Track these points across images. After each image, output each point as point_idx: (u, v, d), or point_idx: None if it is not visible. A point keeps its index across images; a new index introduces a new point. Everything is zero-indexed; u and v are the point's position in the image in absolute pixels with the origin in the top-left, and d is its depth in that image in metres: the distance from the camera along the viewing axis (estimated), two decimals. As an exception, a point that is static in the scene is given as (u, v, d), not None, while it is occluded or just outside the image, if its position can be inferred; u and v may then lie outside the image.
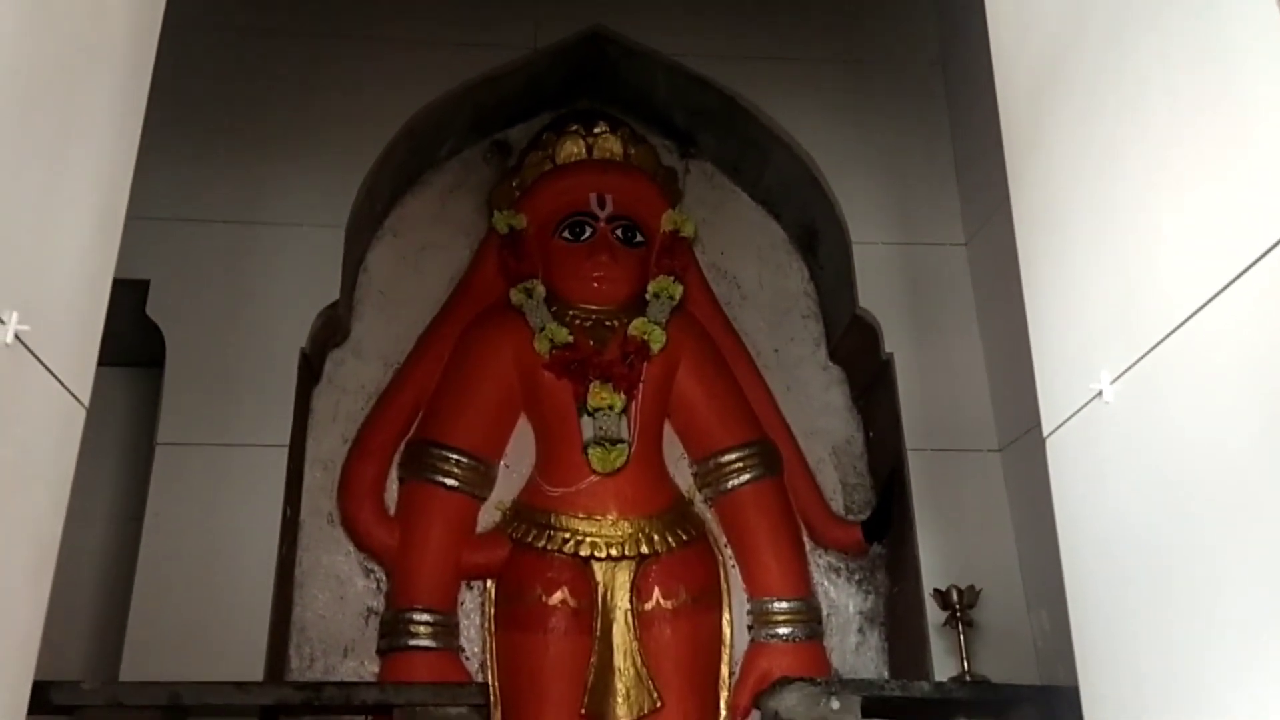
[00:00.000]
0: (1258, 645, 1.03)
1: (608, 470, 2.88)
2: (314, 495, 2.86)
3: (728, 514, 2.98)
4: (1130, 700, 1.29)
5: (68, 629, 2.66)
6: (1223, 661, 1.08)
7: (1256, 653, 1.02)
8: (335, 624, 2.78)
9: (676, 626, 2.82)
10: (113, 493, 2.84)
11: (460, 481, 2.88)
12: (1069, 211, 1.35)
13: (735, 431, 3.01)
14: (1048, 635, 2.54)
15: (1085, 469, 1.30)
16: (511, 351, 2.98)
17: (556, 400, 2.95)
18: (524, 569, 2.82)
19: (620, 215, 3.11)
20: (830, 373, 3.18)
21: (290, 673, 2.70)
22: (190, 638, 2.43)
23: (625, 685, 2.73)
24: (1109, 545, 1.28)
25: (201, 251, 2.79)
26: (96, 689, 2.30)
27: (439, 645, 2.74)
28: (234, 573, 2.53)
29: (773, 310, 3.23)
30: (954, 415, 2.83)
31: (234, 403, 2.66)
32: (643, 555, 2.84)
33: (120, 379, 2.90)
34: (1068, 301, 1.33)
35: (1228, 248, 1.03)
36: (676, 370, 3.03)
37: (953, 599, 2.56)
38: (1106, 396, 1.20)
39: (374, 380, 3.00)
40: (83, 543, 2.76)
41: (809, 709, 2.38)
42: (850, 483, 3.06)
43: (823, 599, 2.94)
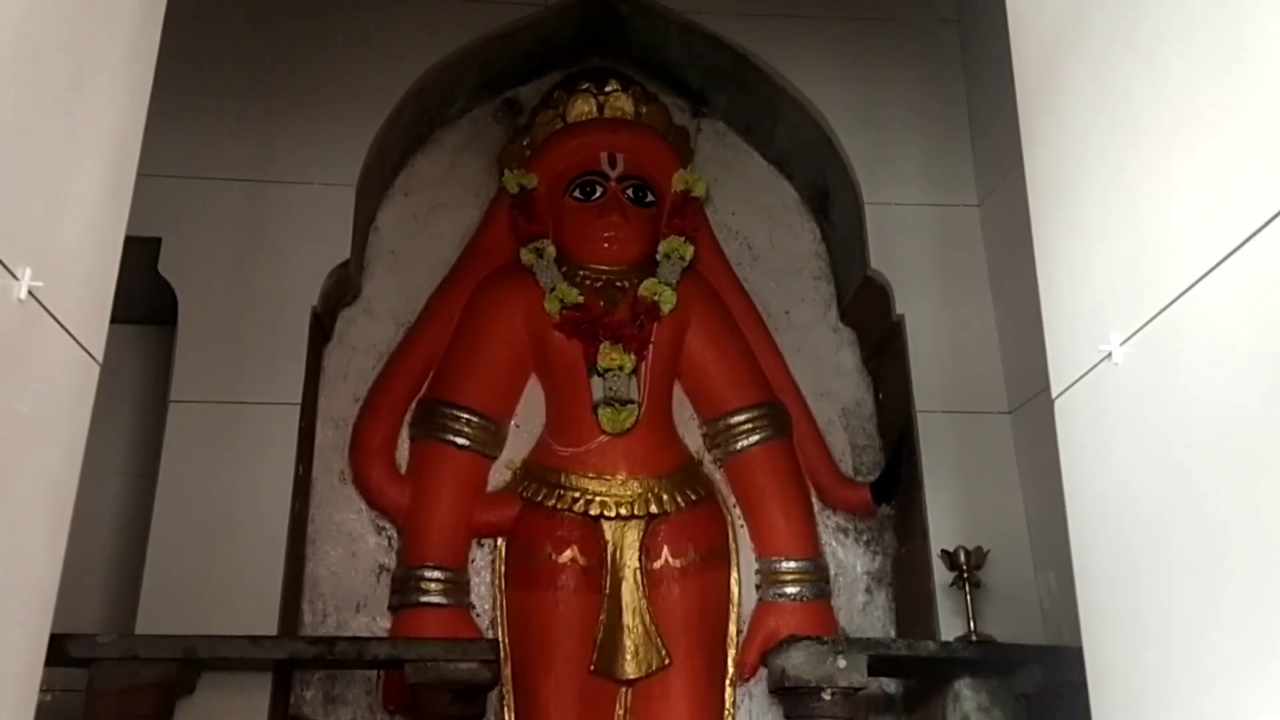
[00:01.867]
0: (1261, 608, 1.03)
1: (617, 430, 2.89)
2: (326, 453, 2.89)
3: (737, 474, 3.00)
4: (1133, 661, 1.30)
5: (84, 584, 2.70)
6: (1226, 622, 1.08)
7: (1260, 615, 1.03)
8: (347, 580, 2.82)
9: (685, 585, 2.84)
10: (127, 449, 2.86)
11: (471, 441, 2.90)
12: (1082, 171, 1.34)
13: (745, 393, 3.01)
14: (1054, 596, 2.55)
15: (1093, 431, 1.30)
16: (522, 311, 2.99)
17: (566, 360, 2.95)
18: (534, 527, 2.85)
19: (631, 175, 3.09)
20: (841, 334, 3.17)
21: (303, 628, 2.74)
22: (204, 593, 2.46)
23: (634, 643, 2.76)
24: (1115, 506, 1.28)
25: (213, 209, 2.79)
26: (112, 641, 2.35)
27: (450, 602, 2.78)
28: (247, 529, 2.56)
29: (783, 271, 3.22)
30: (964, 377, 2.82)
31: (246, 360, 2.68)
32: (652, 515, 2.86)
33: (133, 336, 2.91)
34: (1079, 262, 1.32)
35: (1241, 208, 1.02)
36: (687, 331, 3.03)
37: (960, 560, 2.58)
38: (1116, 358, 1.20)
39: (385, 339, 3.01)
40: (97, 499, 2.79)
41: (816, 667, 2.40)
42: (859, 444, 3.07)
43: (830, 559, 2.95)
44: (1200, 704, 1.13)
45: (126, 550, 2.71)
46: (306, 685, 2.70)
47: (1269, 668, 1.00)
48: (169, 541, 2.52)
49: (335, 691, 2.71)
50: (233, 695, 2.42)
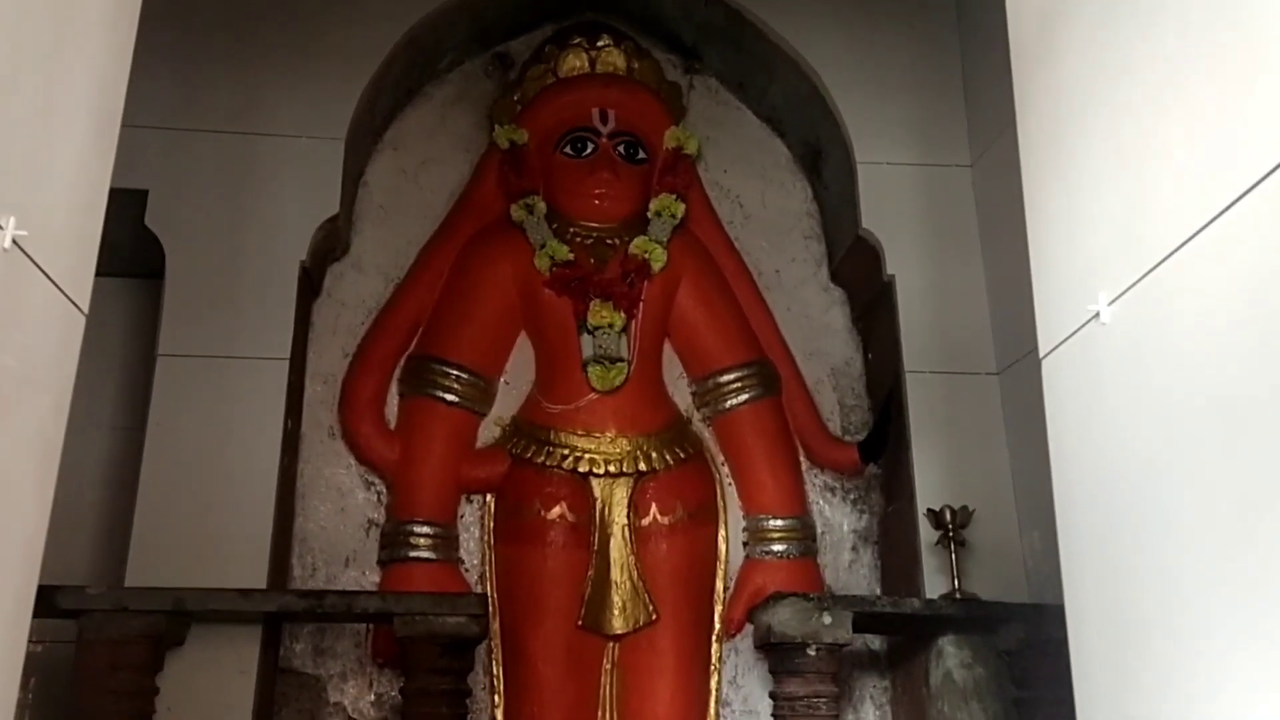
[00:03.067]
0: (1241, 565, 1.04)
1: (607, 388, 2.90)
2: (315, 408, 2.89)
3: (725, 433, 3.01)
4: (1114, 617, 1.31)
5: (73, 537, 2.71)
6: (1205, 580, 1.09)
7: (1239, 572, 1.04)
8: (336, 535, 2.83)
9: (673, 542, 2.86)
10: (115, 403, 2.86)
11: (460, 397, 2.90)
12: (1075, 130, 1.34)
13: (734, 351, 3.02)
14: (1039, 556, 2.58)
15: (1079, 390, 1.31)
16: (511, 268, 2.97)
17: (556, 318, 2.95)
18: (523, 484, 2.86)
19: (623, 131, 3.07)
20: (831, 294, 3.17)
21: (293, 582, 2.75)
22: (194, 547, 2.47)
23: (622, 598, 2.79)
24: (1100, 465, 1.29)
25: (200, 162, 2.76)
26: (102, 594, 2.35)
27: (439, 557, 2.79)
28: (236, 483, 2.56)
29: (775, 230, 3.21)
30: (953, 338, 2.83)
31: (234, 315, 2.67)
32: (641, 472, 2.87)
33: (121, 290, 2.90)
34: (1069, 222, 1.32)
35: (1231, 169, 1.02)
36: (677, 289, 3.03)
37: (945, 518, 2.60)
38: (1104, 318, 1.20)
39: (374, 295, 3.00)
40: (86, 452, 2.79)
41: (801, 623, 2.43)
42: (848, 404, 3.08)
43: (817, 517, 2.97)
44: (1179, 660, 1.15)
45: (115, 504, 2.71)
46: (296, 638, 2.72)
47: (1249, 624, 1.02)
48: (158, 495, 2.52)
49: (324, 645, 2.73)
50: (222, 647, 2.43)
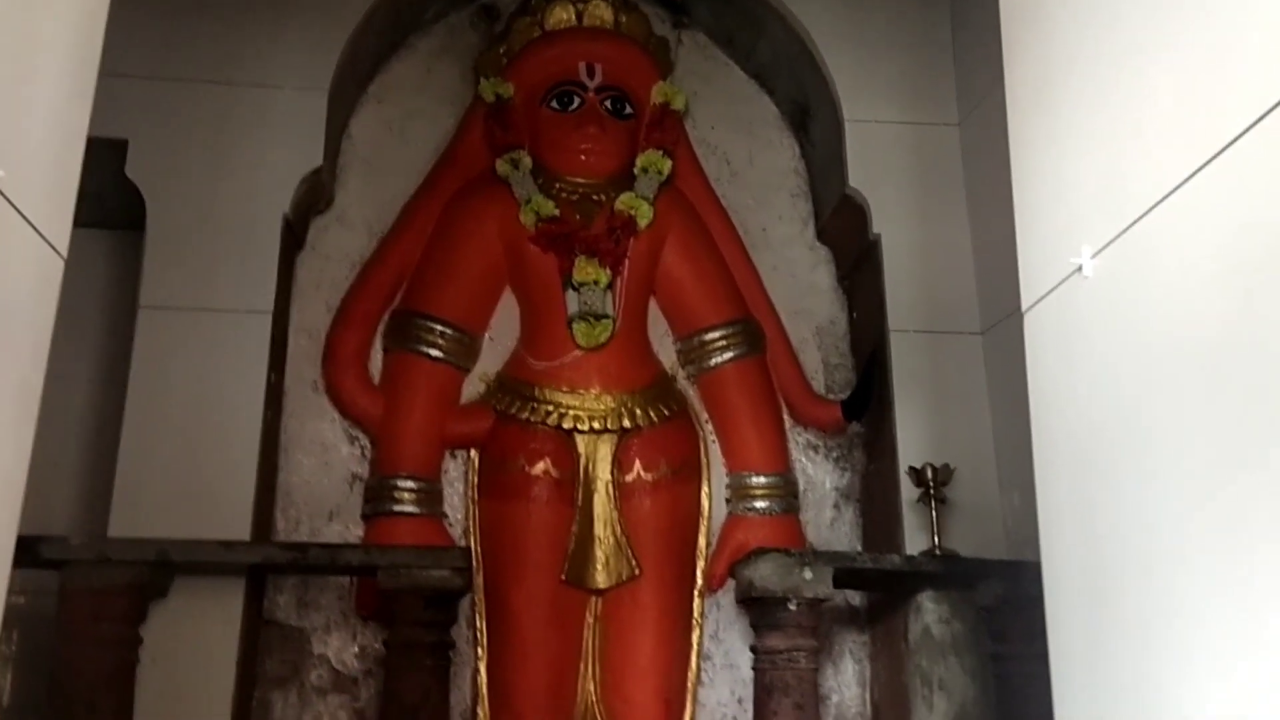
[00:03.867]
0: (1218, 518, 1.05)
1: (592, 345, 2.90)
2: (298, 362, 2.87)
3: (710, 391, 3.01)
4: (1089, 573, 1.33)
5: (55, 488, 2.71)
6: (1181, 533, 1.11)
7: (1216, 525, 1.05)
8: (320, 489, 2.83)
9: (656, 498, 2.88)
10: (97, 355, 2.84)
11: (444, 352, 2.89)
12: (1062, 84, 1.33)
13: (720, 310, 3.01)
14: (1018, 516, 2.60)
15: (1060, 344, 1.31)
16: (496, 223, 2.96)
17: (541, 274, 2.94)
18: (507, 440, 2.86)
19: (610, 85, 3.04)
20: (817, 253, 3.17)
21: (276, 535, 2.75)
22: (177, 499, 2.47)
23: (605, 553, 2.80)
24: (1079, 419, 1.30)
25: (181, 112, 2.73)
26: (84, 544, 2.36)
27: (422, 511, 2.79)
28: (219, 436, 2.55)
29: (762, 188, 3.20)
30: (938, 297, 2.83)
31: (217, 267, 2.65)
32: (625, 429, 2.88)
33: (102, 241, 2.88)
34: (1054, 176, 1.32)
35: (1216, 120, 1.02)
36: (663, 246, 3.02)
37: (927, 476, 2.62)
38: (1086, 271, 1.21)
39: (358, 249, 2.98)
40: (68, 404, 2.78)
41: (782, 578, 2.45)
42: (832, 363, 3.09)
43: (800, 475, 2.99)
44: (1153, 615, 1.16)
45: (98, 455, 2.71)
46: (280, 591, 2.73)
47: (1225, 577, 1.03)
48: (140, 447, 2.51)
49: (308, 597, 2.74)
50: (206, 599, 2.44)
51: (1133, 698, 1.21)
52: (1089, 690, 1.33)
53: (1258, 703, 0.97)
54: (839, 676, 2.85)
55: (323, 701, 2.68)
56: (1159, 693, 1.15)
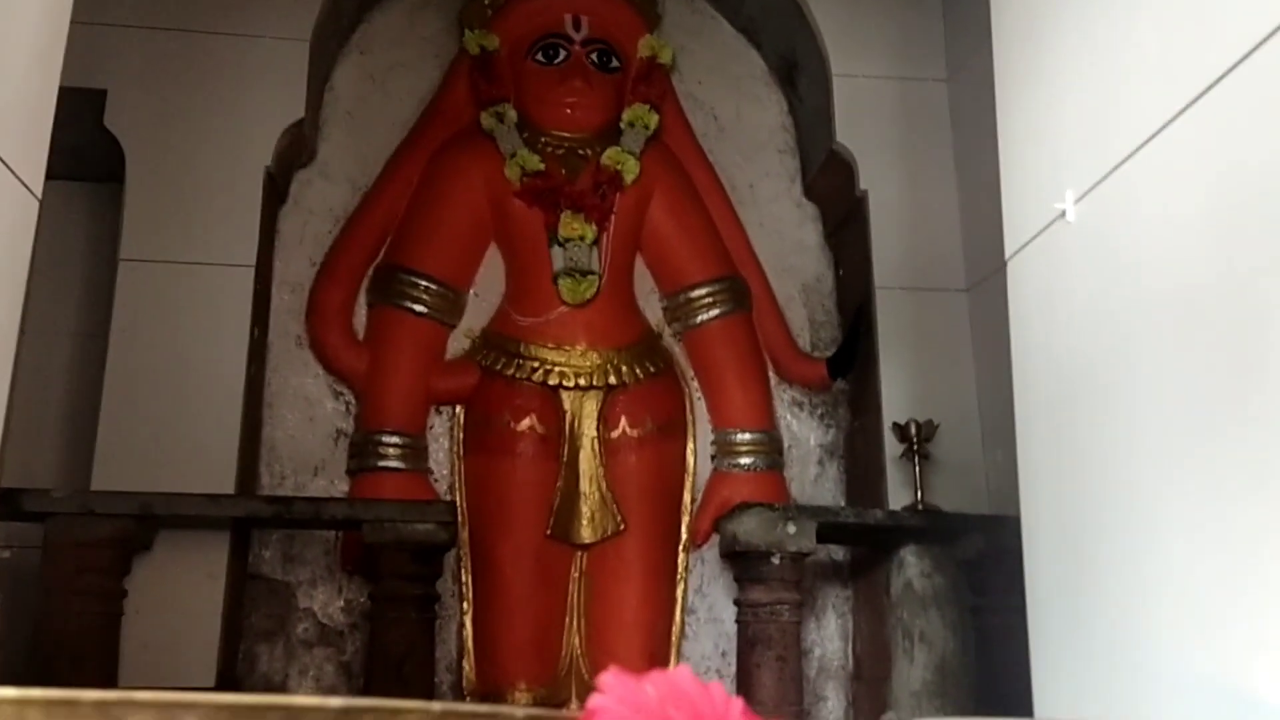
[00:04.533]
0: (1192, 463, 1.06)
1: (577, 301, 2.89)
2: (282, 317, 2.86)
3: (695, 348, 3.01)
4: (1067, 521, 1.34)
5: (38, 442, 2.69)
6: (1157, 477, 1.11)
7: (1190, 469, 1.05)
8: (305, 444, 2.82)
9: (641, 454, 2.88)
10: (78, 309, 2.82)
11: (429, 308, 2.88)
12: (1049, 29, 1.32)
13: (706, 266, 3.01)
14: (1001, 475, 2.62)
15: (1044, 290, 1.31)
16: (481, 177, 2.93)
17: (527, 229, 2.92)
18: (493, 396, 2.86)
19: (596, 38, 3.01)
20: (804, 209, 3.16)
21: (261, 490, 2.75)
22: (160, 453, 2.46)
23: (590, 509, 2.81)
24: (1060, 366, 1.30)
25: (161, 61, 2.68)
26: (67, 496, 2.35)
27: (408, 467, 2.80)
28: (203, 391, 2.54)
29: (749, 144, 3.17)
30: (924, 254, 2.83)
31: (198, 220, 2.62)
32: (610, 386, 2.88)
33: (81, 194, 2.85)
34: (1039, 122, 1.31)
35: (1199, 62, 1.01)
36: (649, 202, 3.00)
37: (911, 432, 2.63)
38: (1069, 216, 1.20)
39: (341, 203, 2.95)
40: (49, 358, 2.76)
41: (766, 532, 2.47)
42: (818, 320, 3.09)
43: (785, 432, 3.00)
44: (1128, 566, 1.17)
45: (81, 409, 2.69)
46: (265, 545, 2.73)
47: (1203, 527, 1.03)
48: (122, 401, 2.50)
49: (294, 552, 2.75)
50: (191, 552, 2.44)
51: (1108, 647, 1.22)
52: (1066, 641, 1.34)
53: (1234, 647, 0.98)
54: (821, 630, 2.87)
55: (309, 655, 2.69)
56: (1135, 641, 1.16)
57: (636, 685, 0.52)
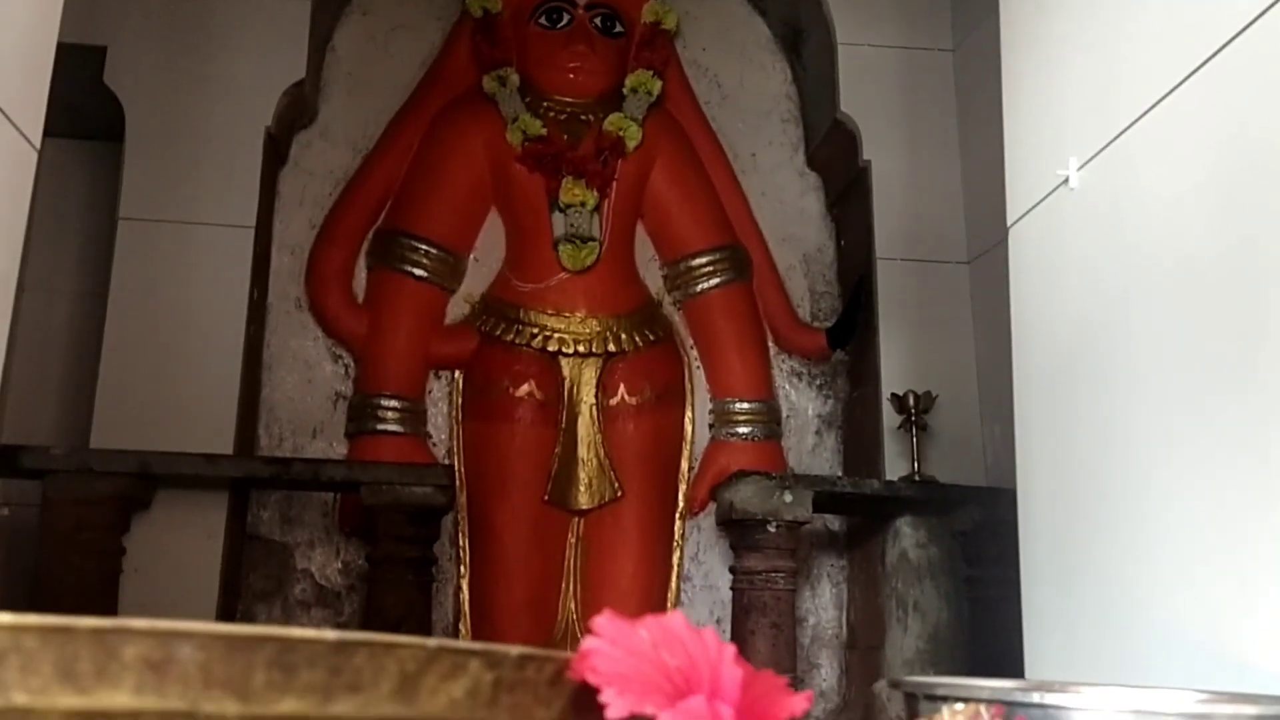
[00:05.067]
0: (1188, 426, 1.06)
1: (578, 268, 2.88)
2: (281, 279, 2.85)
3: (695, 317, 3.01)
4: (1063, 487, 1.34)
5: (37, 400, 2.70)
6: (1153, 441, 1.11)
7: (1186, 432, 1.06)
8: (304, 406, 2.83)
9: (640, 422, 2.89)
10: (77, 268, 2.82)
11: (429, 272, 2.87)
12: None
13: (707, 235, 3.00)
14: (998, 449, 2.62)
15: (1045, 259, 1.31)
16: (483, 142, 2.92)
17: (528, 194, 2.91)
18: (492, 361, 2.86)
19: (600, 3, 2.98)
20: (807, 179, 3.14)
21: (259, 451, 2.76)
22: (159, 413, 2.46)
23: (588, 475, 2.82)
24: (1060, 334, 1.30)
25: (161, 18, 2.67)
26: (66, 454, 2.35)
27: (406, 431, 2.80)
28: (202, 351, 2.54)
29: (752, 112, 3.16)
30: (926, 226, 2.82)
31: (197, 180, 2.61)
32: (610, 353, 2.88)
33: (81, 152, 2.83)
34: (1044, 89, 1.30)
35: (1203, 28, 1.00)
36: (651, 169, 2.99)
37: (909, 403, 2.63)
38: (1073, 183, 1.20)
39: (342, 165, 2.94)
40: (49, 316, 2.76)
41: (763, 501, 2.47)
42: (818, 290, 3.08)
43: (783, 401, 3.00)
44: (1124, 530, 1.17)
45: (80, 368, 2.70)
46: (264, 506, 2.74)
47: (1195, 488, 1.04)
48: (121, 361, 2.50)
49: (292, 513, 2.76)
50: (190, 512, 2.45)
51: (1100, 612, 1.23)
52: (1058, 606, 1.35)
53: (1225, 612, 0.98)
54: (816, 599, 2.89)
55: (306, 616, 2.71)
56: (1126, 606, 1.17)
57: (630, 629, 0.53)
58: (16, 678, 0.40)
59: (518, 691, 0.49)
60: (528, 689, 0.49)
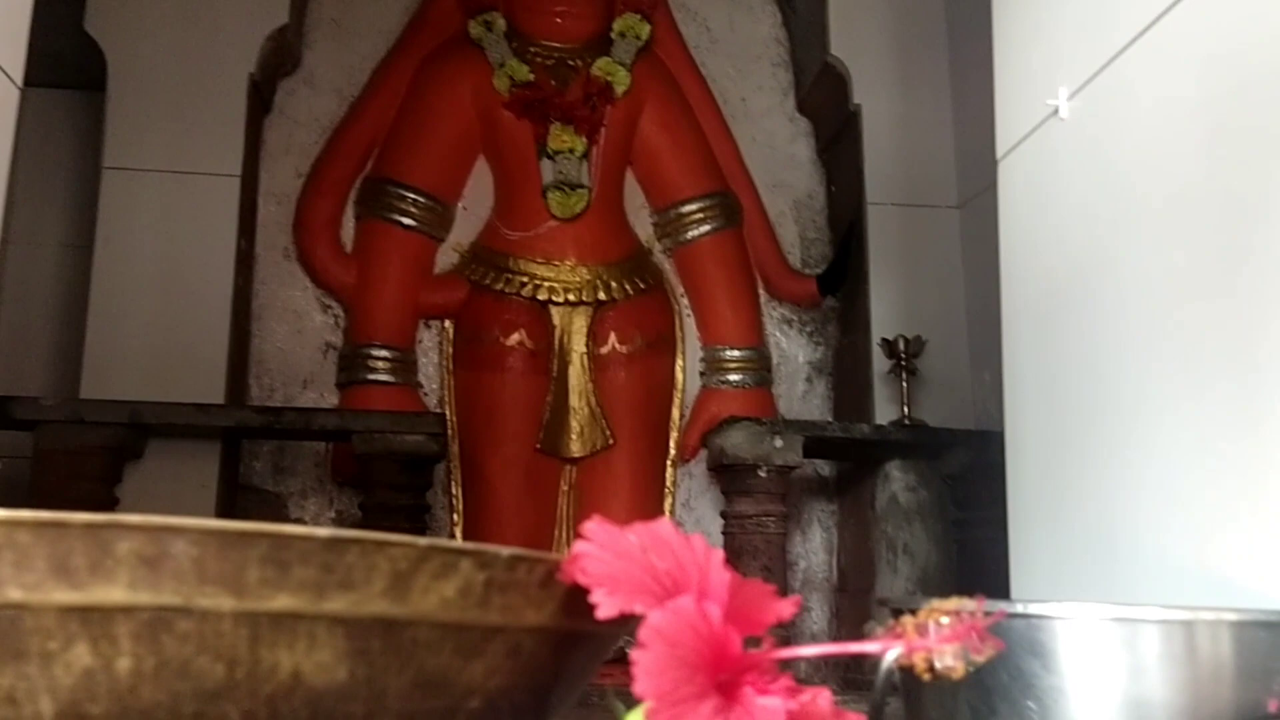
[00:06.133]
0: (1173, 351, 1.06)
1: (567, 215, 2.87)
2: (269, 229, 2.84)
3: (686, 264, 3.00)
4: (1050, 422, 1.35)
5: (27, 351, 2.69)
6: (1138, 368, 1.12)
7: (1171, 357, 1.06)
8: (294, 356, 2.82)
9: (630, 370, 2.89)
10: (63, 219, 2.80)
11: (417, 221, 2.86)
12: (1047, -76, 1.29)
13: (697, 182, 2.98)
14: (987, 396, 2.63)
15: (1034, 192, 1.31)
16: (469, 88, 2.89)
17: (516, 141, 2.89)
18: (482, 311, 2.85)
19: (586, -55, 2.95)
20: (797, 124, 3.13)
21: (250, 402, 2.76)
22: (149, 364, 2.46)
23: (579, 423, 2.83)
24: (1049, 270, 1.30)
25: (140, -36, 2.62)
26: (57, 405, 2.35)
27: (397, 380, 2.80)
28: (190, 301, 2.53)
29: (742, 56, 3.13)
30: (917, 170, 2.81)
31: (181, 128, 2.58)
32: (600, 301, 2.88)
33: (64, 102, 2.80)
34: (1034, 19, 1.29)
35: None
36: (640, 115, 2.96)
37: (899, 348, 2.64)
38: (1062, 113, 1.19)
39: (328, 113, 2.91)
40: (36, 267, 2.74)
41: (753, 446, 2.49)
42: (809, 237, 3.08)
43: (774, 349, 3.01)
44: (1110, 461, 1.18)
45: (69, 320, 2.69)
46: (256, 456, 2.75)
47: (1180, 413, 1.05)
48: (109, 312, 2.49)
49: (284, 463, 2.76)
50: (182, 461, 2.45)
51: (1087, 541, 1.24)
52: (1045, 538, 1.36)
53: (1213, 531, 0.99)
54: (807, 543, 2.92)
55: (300, 564, 2.72)
56: (1114, 533, 1.18)
57: (619, 533, 0.53)
58: (11, 573, 0.40)
59: (509, 592, 0.49)
60: (519, 590, 0.50)
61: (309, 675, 0.44)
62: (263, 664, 0.43)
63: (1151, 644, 0.67)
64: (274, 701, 0.44)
